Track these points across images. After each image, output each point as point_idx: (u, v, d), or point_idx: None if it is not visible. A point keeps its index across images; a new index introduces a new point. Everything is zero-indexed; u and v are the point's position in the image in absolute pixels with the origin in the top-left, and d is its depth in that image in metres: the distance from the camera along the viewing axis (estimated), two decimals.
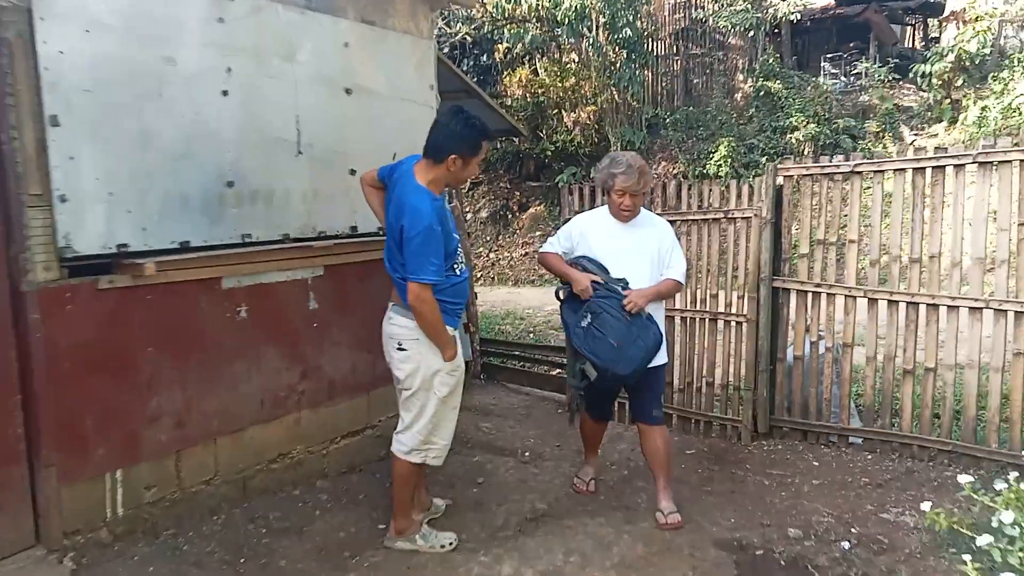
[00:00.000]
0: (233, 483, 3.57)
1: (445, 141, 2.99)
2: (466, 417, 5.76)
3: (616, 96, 14.65)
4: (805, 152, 13.58)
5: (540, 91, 15.41)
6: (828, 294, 4.80)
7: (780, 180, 4.92)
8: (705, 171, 13.69)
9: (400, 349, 3.15)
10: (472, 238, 17.00)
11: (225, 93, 3.33)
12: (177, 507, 3.33)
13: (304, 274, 3.79)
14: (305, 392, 3.86)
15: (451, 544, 3.40)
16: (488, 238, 17.17)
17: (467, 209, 17.54)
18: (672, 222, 5.29)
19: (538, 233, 16.46)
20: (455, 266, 3.20)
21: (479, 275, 16.16)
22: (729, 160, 13.56)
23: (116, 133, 2.94)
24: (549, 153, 15.60)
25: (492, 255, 16.87)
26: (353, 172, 3.98)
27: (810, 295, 4.85)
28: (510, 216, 17.51)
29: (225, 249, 3.37)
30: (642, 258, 3.65)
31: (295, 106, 3.65)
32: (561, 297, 3.72)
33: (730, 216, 5.02)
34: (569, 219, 5.75)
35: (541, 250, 3.86)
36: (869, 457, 4.59)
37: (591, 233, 3.71)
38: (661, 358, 3.78)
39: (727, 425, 5.13)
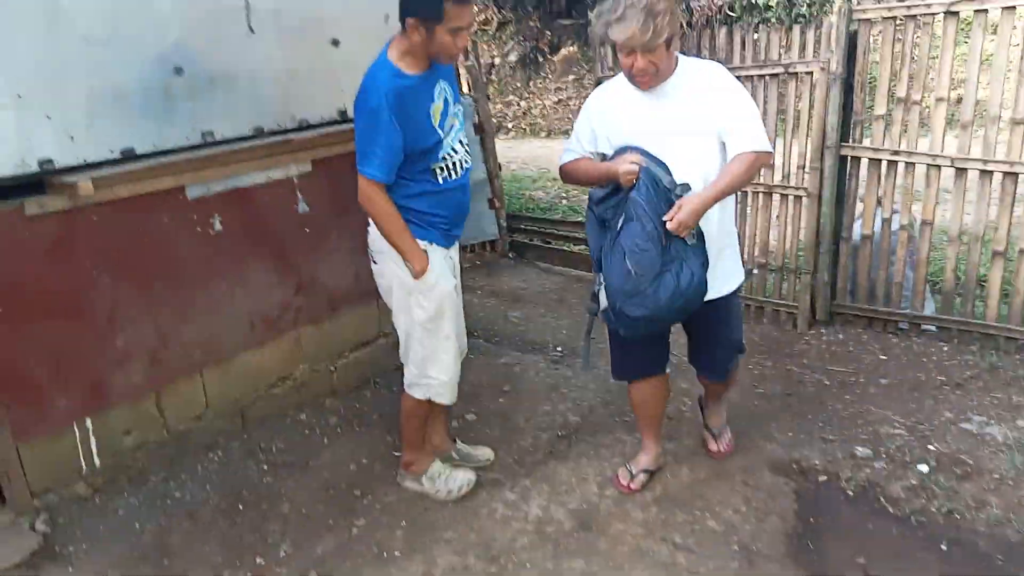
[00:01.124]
0: (228, 415, 3.20)
1: (402, 2, 2.34)
2: (494, 305, 5.34)
3: None
4: None
5: None
6: (907, 163, 4.08)
7: (855, 25, 4.07)
8: (754, 1, 12.30)
9: (374, 262, 2.68)
10: (500, 85, 15.96)
11: None
12: (165, 449, 2.98)
13: (288, 172, 3.21)
14: (303, 307, 3.39)
15: (462, 489, 2.94)
16: (518, 84, 16.07)
17: (494, 54, 16.37)
18: None
19: (571, 77, 15.37)
20: (436, 168, 2.55)
21: (509, 127, 15.30)
22: None
23: (12, 15, 2.30)
24: None
25: (523, 103, 15.90)
26: (336, 43, 3.30)
27: (885, 164, 4.14)
28: (541, 59, 16.14)
29: (183, 152, 2.79)
30: (687, 141, 2.44)
31: None
32: (597, 197, 2.57)
33: (792, 71, 4.22)
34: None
35: (561, 162, 2.70)
36: (945, 349, 4.06)
37: (610, 114, 2.55)
38: (730, 282, 2.69)
39: (781, 311, 4.60)
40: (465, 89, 5.89)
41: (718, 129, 2.45)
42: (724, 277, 2.66)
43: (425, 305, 2.63)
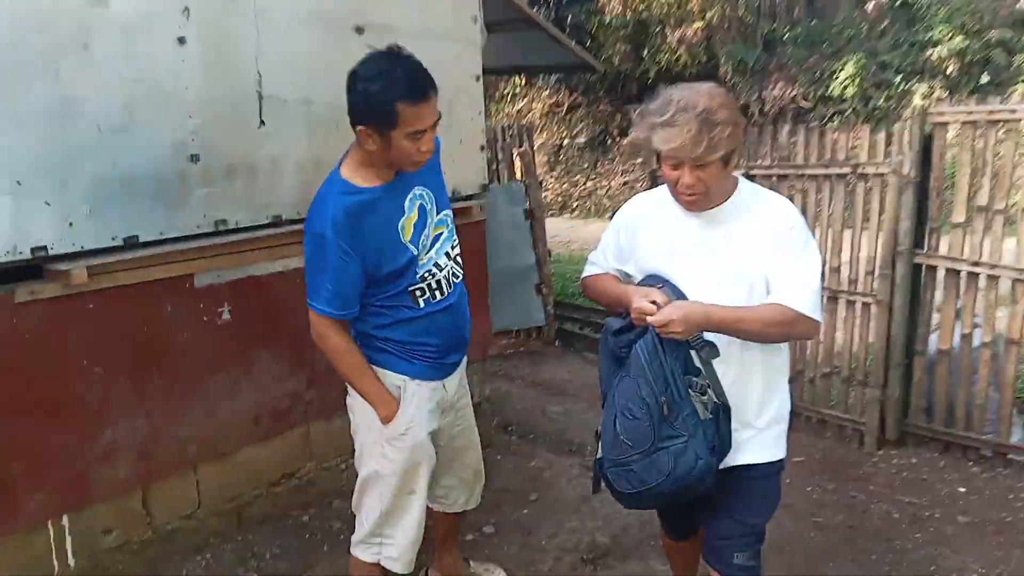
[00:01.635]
0: (223, 514, 3.00)
1: (349, 108, 2.06)
2: (534, 397, 5.06)
3: (728, 10, 12.99)
4: (949, 70, 11.64)
5: (642, 5, 13.92)
6: (990, 276, 3.68)
7: (930, 127, 3.77)
8: (829, 93, 12.03)
9: (347, 393, 2.34)
10: (567, 165, 16.01)
11: (182, 41, 2.57)
12: (149, 549, 2.79)
13: None
14: (313, 401, 3.20)
15: None
16: (586, 165, 16.09)
17: (563, 134, 16.50)
18: (783, 177, 4.30)
19: (639, 160, 15.25)
20: (414, 291, 2.20)
21: (574, 206, 15.25)
22: (857, 80, 11.81)
23: (21, 103, 2.25)
24: (652, 75, 14.20)
25: (589, 183, 15.86)
26: None
27: (964, 275, 3.75)
28: (609, 141, 16.30)
29: (193, 241, 2.67)
30: (730, 285, 1.96)
31: (283, 54, 2.85)
32: (614, 328, 2.09)
33: (861, 172, 3.92)
34: None
35: (583, 275, 2.31)
36: None
37: (644, 232, 2.11)
38: (762, 452, 2.06)
39: (847, 427, 4.17)
40: (518, 174, 5.77)
41: (767, 276, 1.95)
42: (754, 446, 2.05)
43: (392, 456, 2.24)
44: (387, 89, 1.95)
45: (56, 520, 2.53)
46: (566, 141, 16.42)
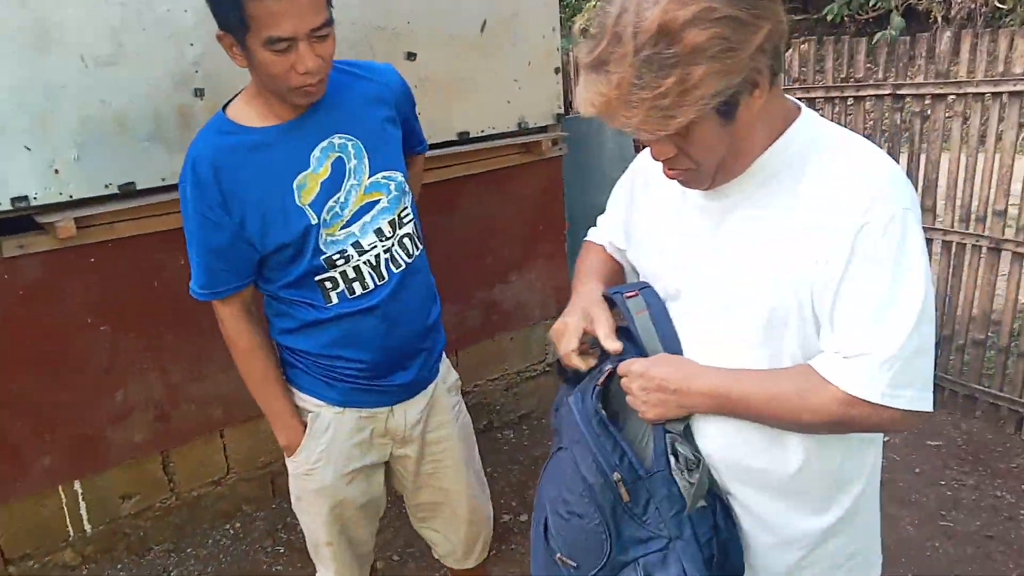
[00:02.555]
0: (255, 480, 2.83)
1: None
2: None
3: None
4: None
5: None
6: None
7: None
8: None
9: None
10: None
11: None
12: (174, 515, 2.66)
13: None
14: None
15: None
16: None
17: None
18: (939, 97, 3.48)
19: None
20: (323, 281, 1.58)
21: None
22: None
23: None
24: None
25: None
26: (411, 56, 2.78)
27: None
28: None
29: None
30: (734, 306, 1.09)
31: None
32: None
33: None
34: None
35: (585, 238, 1.50)
36: None
37: (642, 198, 1.28)
38: None
39: (1000, 406, 3.44)
40: None
41: (812, 301, 1.04)
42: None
43: (297, 494, 1.75)
44: None
45: (67, 484, 2.44)
46: None
